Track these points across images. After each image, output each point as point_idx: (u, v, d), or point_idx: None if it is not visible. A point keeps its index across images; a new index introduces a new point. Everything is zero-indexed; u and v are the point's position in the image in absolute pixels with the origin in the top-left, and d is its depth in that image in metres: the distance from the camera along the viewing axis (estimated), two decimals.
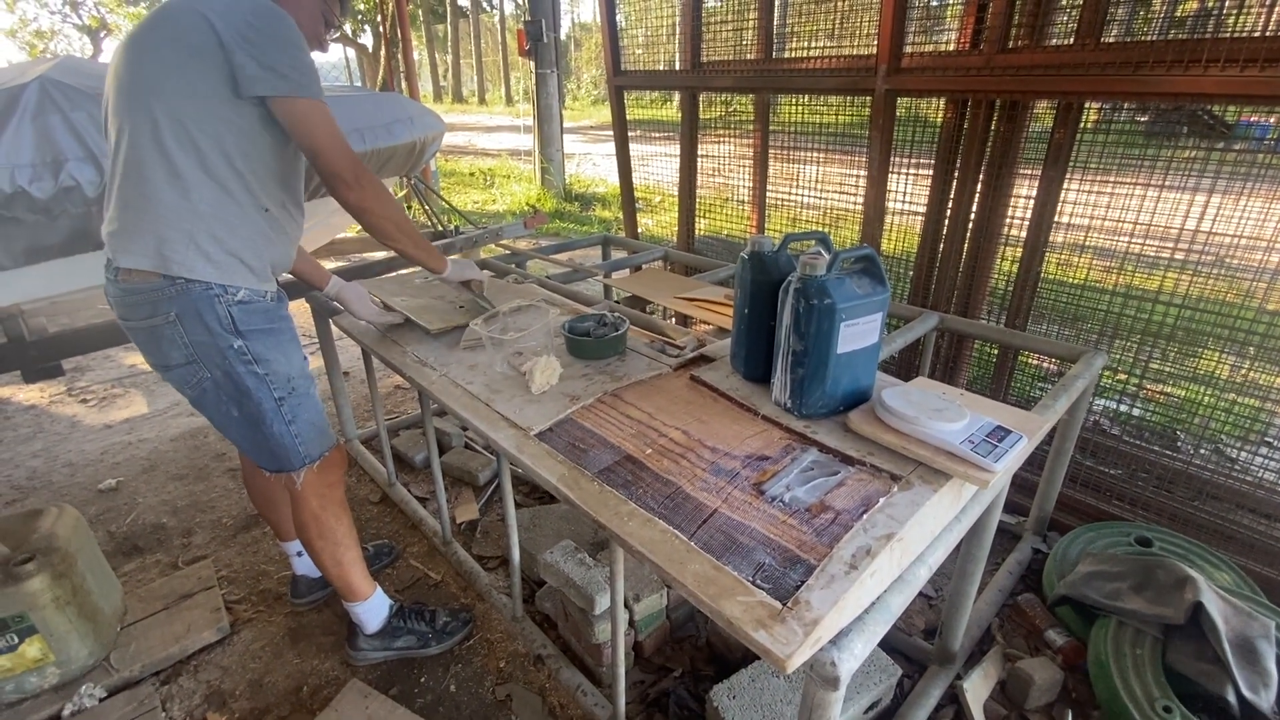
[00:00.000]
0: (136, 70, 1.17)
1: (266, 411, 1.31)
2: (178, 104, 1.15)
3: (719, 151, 2.80)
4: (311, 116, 1.19)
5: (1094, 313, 1.98)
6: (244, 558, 2.00)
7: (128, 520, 2.20)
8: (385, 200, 1.32)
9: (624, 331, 1.49)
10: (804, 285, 1.10)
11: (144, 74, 1.16)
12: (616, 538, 0.95)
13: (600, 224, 6.77)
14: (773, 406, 1.23)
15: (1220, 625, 1.35)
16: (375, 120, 3.14)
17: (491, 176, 9.17)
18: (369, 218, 1.32)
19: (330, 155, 1.23)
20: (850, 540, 0.90)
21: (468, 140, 14.85)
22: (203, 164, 1.18)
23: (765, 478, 1.03)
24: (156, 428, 2.79)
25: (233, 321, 1.24)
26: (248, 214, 1.25)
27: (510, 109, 23.11)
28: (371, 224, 1.34)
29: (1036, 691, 1.46)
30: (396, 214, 1.37)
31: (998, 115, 1.89)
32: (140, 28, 1.20)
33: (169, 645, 1.64)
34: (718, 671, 1.53)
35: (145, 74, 1.16)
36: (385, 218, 1.34)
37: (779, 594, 0.82)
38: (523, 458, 1.14)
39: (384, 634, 1.60)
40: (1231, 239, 1.67)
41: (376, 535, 2.07)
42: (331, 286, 1.70)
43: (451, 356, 1.54)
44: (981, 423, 1.08)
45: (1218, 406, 1.84)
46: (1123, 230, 1.83)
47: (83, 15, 19.60)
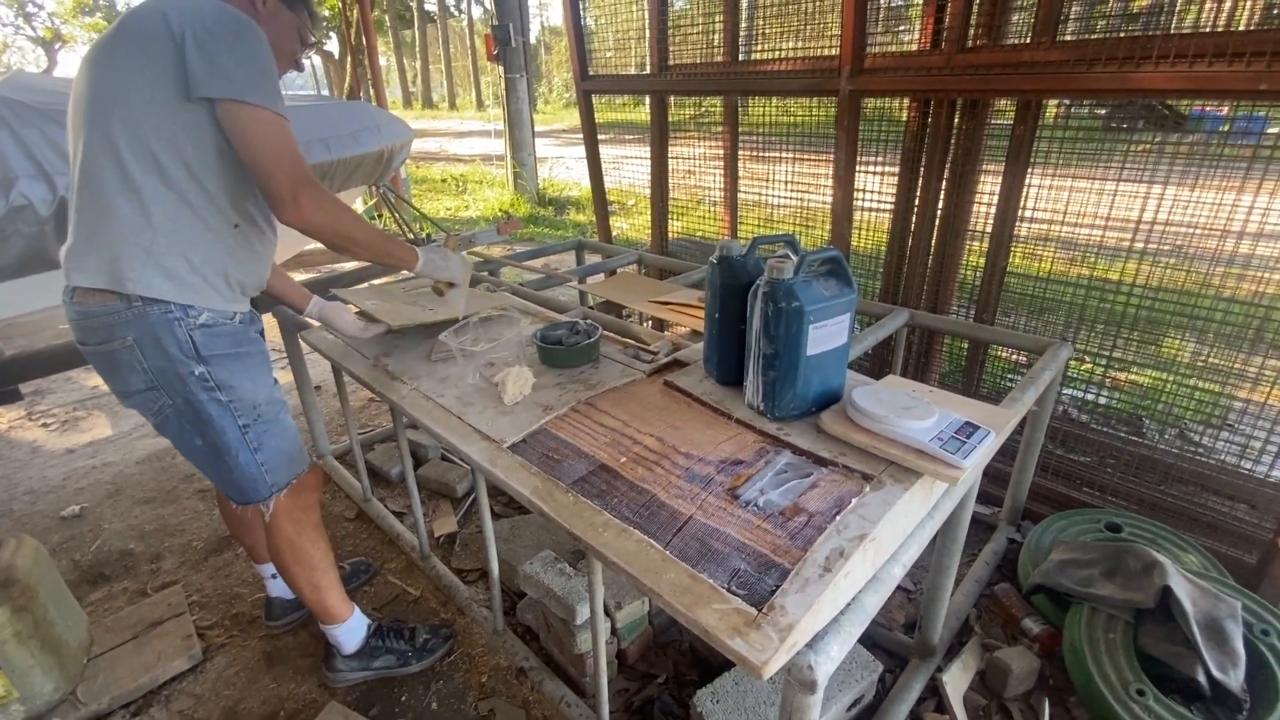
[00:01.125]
0: (94, 81, 1.12)
1: (230, 441, 1.27)
2: (134, 113, 1.10)
3: (691, 153, 2.80)
4: (254, 124, 1.10)
5: (1060, 304, 2.02)
6: (215, 581, 1.95)
7: (93, 547, 2.13)
8: (332, 213, 1.19)
9: (597, 339, 1.48)
10: (772, 289, 1.10)
11: (100, 84, 1.11)
12: (591, 549, 0.95)
13: (575, 228, 6.76)
14: (746, 410, 1.23)
15: (1188, 608, 1.38)
16: (341, 129, 3.10)
17: (464, 182, 9.11)
18: (320, 236, 1.20)
19: (268, 168, 1.11)
20: (824, 542, 0.90)
21: (439, 146, 14.72)
22: (162, 176, 1.13)
23: (739, 482, 1.03)
24: (121, 450, 2.72)
25: (194, 346, 1.20)
26: (213, 229, 1.20)
27: (481, 114, 22.98)
28: (325, 241, 1.22)
29: (1014, 680, 1.49)
30: (349, 225, 1.23)
31: (960, 113, 1.92)
32: (102, 37, 1.16)
33: (138, 675, 1.59)
34: (702, 676, 1.53)
35: (102, 84, 1.11)
36: (336, 233, 1.21)
37: (754, 600, 0.82)
38: (495, 471, 1.13)
39: (362, 654, 1.57)
40: (1188, 228, 1.71)
41: (353, 552, 2.04)
42: (312, 307, 1.66)
43: (423, 369, 1.52)
44: (950, 419, 1.09)
45: (1180, 392, 1.89)
46: (1085, 222, 1.87)
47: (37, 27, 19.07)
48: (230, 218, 1.23)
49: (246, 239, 1.27)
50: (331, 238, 1.22)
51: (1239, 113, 1.78)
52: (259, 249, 1.32)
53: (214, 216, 1.20)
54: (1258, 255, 1.67)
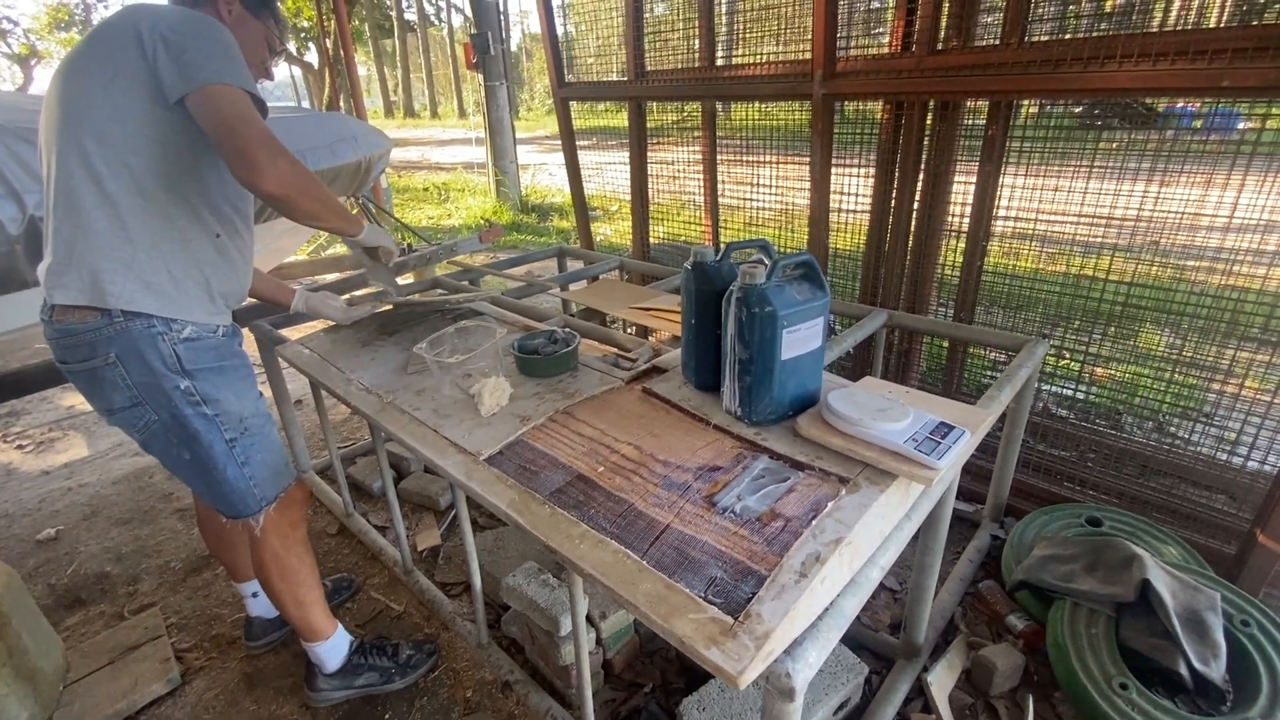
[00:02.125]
0: (65, 96, 1.11)
1: (218, 455, 1.26)
2: (107, 126, 1.09)
3: (671, 158, 2.81)
4: (220, 98, 1.06)
5: (1038, 300, 2.04)
6: (194, 603, 1.92)
7: (68, 571, 2.09)
8: (306, 178, 1.16)
9: (575, 347, 1.47)
10: (745, 294, 1.10)
11: (72, 99, 1.10)
12: (568, 561, 0.94)
13: (559, 234, 6.75)
14: (724, 415, 1.23)
15: (1168, 600, 1.40)
16: (317, 140, 3.07)
17: (446, 191, 9.07)
18: (293, 203, 1.15)
19: (241, 136, 1.06)
20: (800, 548, 0.90)
21: (421, 155, 14.67)
22: (139, 188, 1.11)
23: (717, 489, 1.03)
24: (98, 471, 2.67)
25: (178, 360, 1.19)
26: (192, 240, 1.19)
27: (463, 122, 22.93)
28: (297, 208, 1.17)
29: (1000, 678, 1.49)
30: (319, 189, 1.20)
31: (933, 114, 1.94)
32: (72, 51, 1.14)
33: (115, 701, 1.56)
34: (689, 683, 1.52)
35: (73, 98, 1.10)
36: (309, 196, 1.17)
37: (730, 608, 0.81)
38: (472, 484, 1.12)
39: (344, 672, 1.55)
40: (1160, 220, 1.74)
41: (335, 569, 2.01)
42: (297, 301, 1.68)
43: (399, 382, 1.50)
44: (925, 420, 1.09)
45: (1157, 385, 1.91)
46: (1061, 219, 1.89)
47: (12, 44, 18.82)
48: (211, 227, 1.22)
49: (227, 249, 1.27)
50: (304, 203, 1.17)
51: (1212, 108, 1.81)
52: (238, 259, 1.31)
53: (194, 227, 1.19)
54: (1230, 248, 1.70)
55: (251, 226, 1.35)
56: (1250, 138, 1.60)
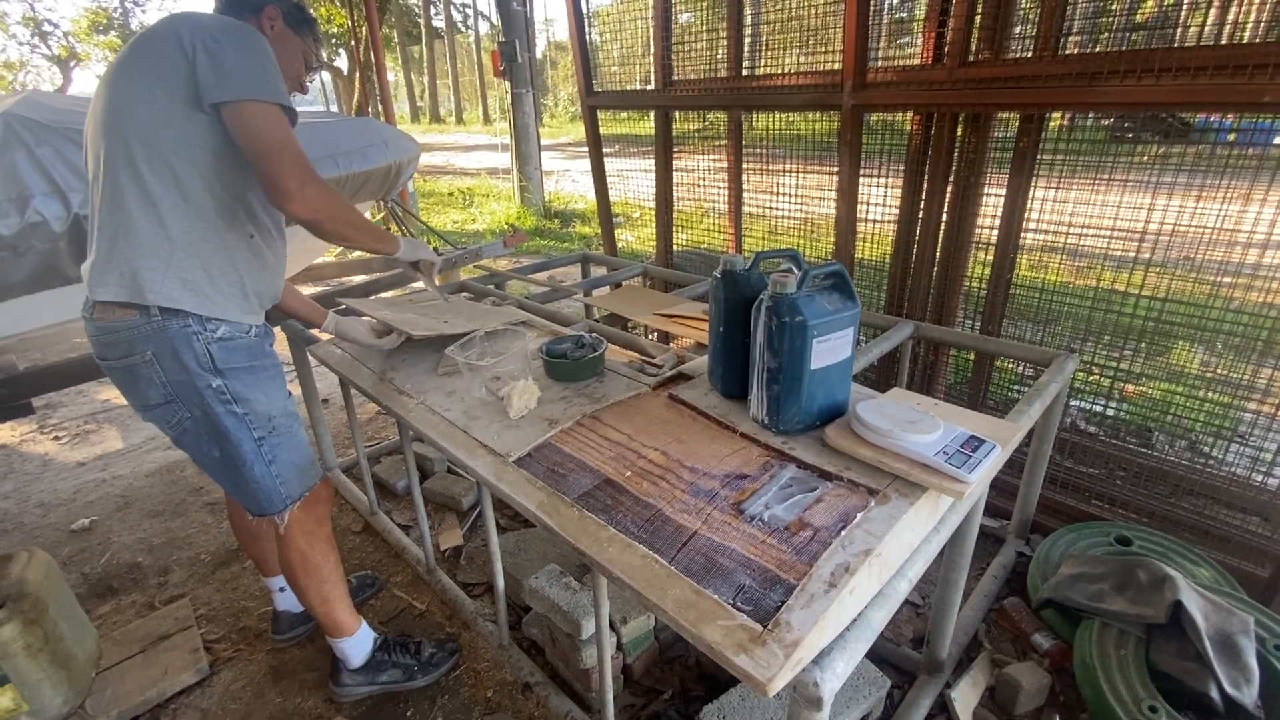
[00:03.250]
0: (110, 99, 1.16)
1: (246, 453, 1.29)
2: (150, 128, 1.13)
3: (695, 166, 2.82)
4: (255, 119, 1.11)
5: (1067, 313, 2.02)
6: (223, 595, 1.96)
7: (102, 561, 2.14)
8: (335, 204, 1.21)
9: (602, 352, 1.49)
10: (775, 303, 1.11)
11: (117, 102, 1.15)
12: (596, 564, 0.95)
13: (581, 240, 6.79)
14: (750, 423, 1.24)
15: (1200, 623, 1.37)
16: (349, 145, 3.14)
17: (470, 196, 9.18)
18: (323, 228, 1.21)
19: (273, 160, 1.12)
20: (829, 558, 0.90)
21: (446, 160, 14.86)
22: (180, 189, 1.16)
23: (744, 497, 1.04)
24: (131, 463, 2.74)
25: (211, 359, 1.22)
26: (229, 241, 1.23)
27: (488, 128, 23.19)
28: (327, 232, 1.23)
29: (1025, 697, 1.47)
30: (349, 213, 1.25)
31: (963, 126, 1.93)
32: (117, 56, 1.19)
33: (146, 689, 1.60)
34: (708, 691, 1.52)
35: (118, 102, 1.15)
36: (341, 221, 1.23)
37: (759, 616, 0.82)
38: (501, 485, 1.13)
39: (368, 669, 1.57)
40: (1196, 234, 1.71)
41: (359, 565, 2.04)
42: (329, 323, 1.69)
43: (429, 383, 1.53)
44: (955, 433, 1.09)
45: (1190, 403, 1.88)
46: (1091, 232, 1.87)
47: (52, 45, 19.42)
48: (246, 228, 1.26)
49: (261, 250, 1.30)
50: (333, 226, 1.22)
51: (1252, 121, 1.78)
52: (272, 260, 1.35)
53: (230, 227, 1.23)
54: (1268, 264, 1.66)
55: (284, 229, 1.39)
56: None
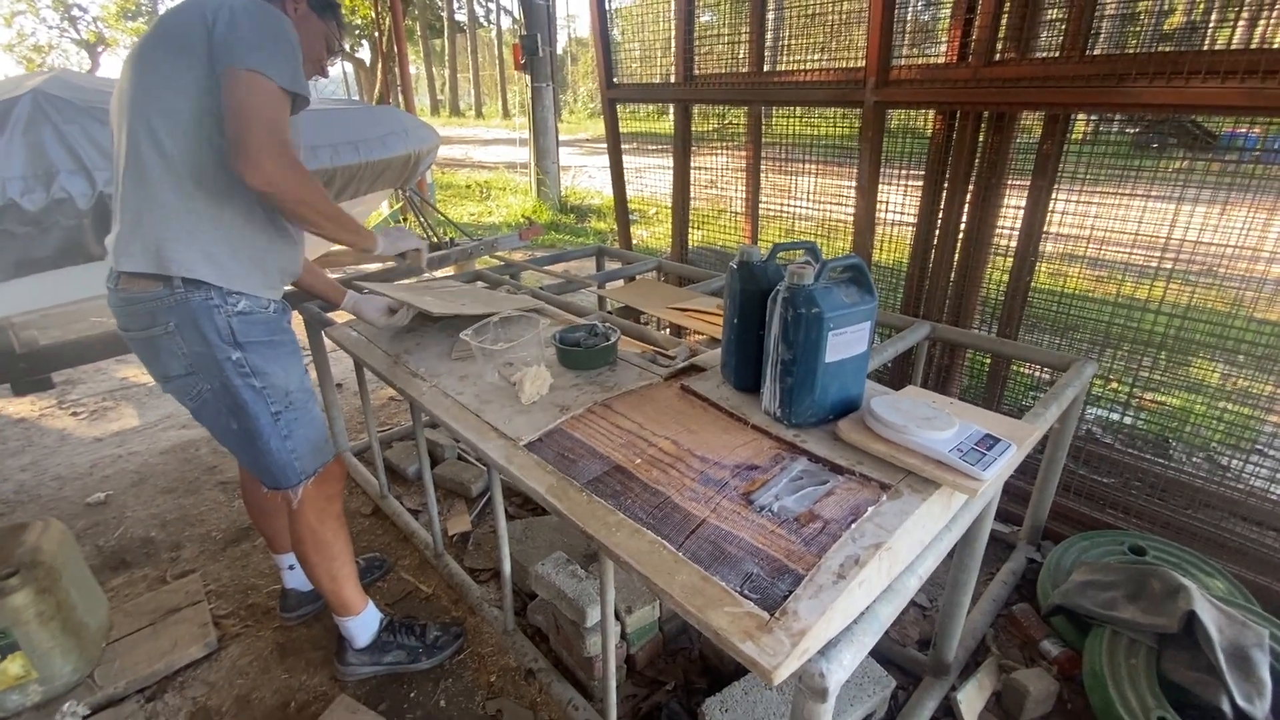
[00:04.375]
0: (136, 75, 1.17)
1: (263, 426, 1.30)
2: (173, 101, 1.15)
3: (713, 164, 2.81)
4: (244, 85, 1.08)
5: (1085, 322, 1.99)
6: (233, 572, 1.98)
7: (115, 534, 2.17)
8: (300, 184, 1.14)
9: (615, 341, 1.49)
10: (792, 294, 1.10)
11: (141, 77, 1.17)
12: (604, 548, 0.95)
13: (596, 235, 6.80)
14: (762, 416, 1.23)
15: (1214, 634, 1.35)
16: (369, 133, 3.15)
17: (488, 189, 9.22)
18: (283, 206, 1.16)
19: (241, 123, 1.07)
20: (839, 550, 0.89)
21: (464, 153, 14.93)
22: (200, 161, 1.17)
23: (754, 487, 1.03)
24: (147, 441, 2.78)
25: (232, 333, 1.24)
26: (249, 213, 1.24)
27: (507, 122, 23.25)
28: (288, 214, 1.19)
29: (1031, 703, 1.45)
30: (316, 198, 1.19)
31: (986, 126, 1.91)
32: (144, 35, 1.21)
33: (154, 661, 1.62)
34: (710, 684, 1.52)
35: (142, 77, 1.16)
36: (305, 204, 1.17)
37: (766, 604, 0.81)
38: (511, 468, 1.14)
39: (373, 649, 1.58)
40: (1219, 248, 1.68)
41: (368, 548, 2.06)
42: (347, 301, 1.72)
43: (442, 367, 1.53)
44: (970, 431, 1.08)
45: (1209, 415, 1.85)
46: (1112, 240, 1.84)
47: (80, 30, 19.71)
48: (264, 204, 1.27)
49: (281, 225, 1.32)
50: (295, 208, 1.17)
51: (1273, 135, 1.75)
52: (293, 234, 1.37)
53: (251, 201, 1.24)
54: None
55: None
56: None
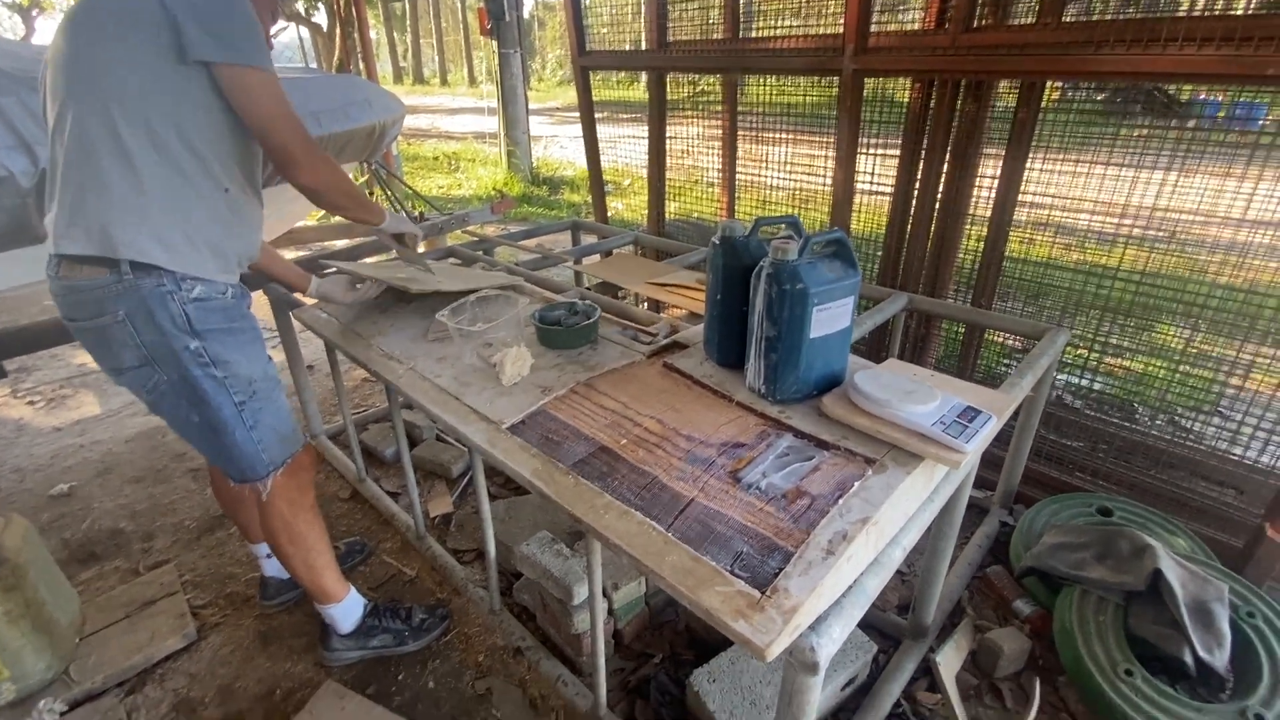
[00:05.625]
0: (77, 46, 1.09)
1: (227, 418, 1.26)
2: (124, 77, 1.08)
3: (688, 133, 2.77)
4: (260, 89, 1.12)
5: (1055, 289, 2.02)
6: (209, 560, 1.94)
7: (83, 526, 2.11)
8: (337, 174, 1.28)
9: (595, 320, 1.46)
10: (776, 270, 1.09)
11: (87, 49, 1.09)
12: (593, 531, 0.94)
13: (569, 208, 6.69)
14: (746, 392, 1.23)
15: (1178, 590, 1.40)
16: (330, 103, 3.02)
17: (456, 160, 8.98)
18: (324, 197, 1.27)
19: (281, 133, 1.15)
20: (827, 525, 0.90)
21: (431, 123, 14.49)
22: (154, 141, 1.11)
23: (741, 465, 1.03)
24: (110, 428, 2.68)
25: (188, 320, 1.18)
26: (205, 196, 1.18)
27: (474, 90, 22.60)
28: (325, 201, 1.29)
29: (1005, 661, 1.51)
30: (347, 184, 1.32)
31: (963, 95, 1.90)
32: (80, 2, 1.12)
33: (132, 654, 1.59)
34: (698, 656, 1.54)
35: (88, 49, 1.09)
36: (339, 191, 1.29)
37: (757, 582, 0.82)
38: (495, 452, 1.12)
39: (358, 634, 1.57)
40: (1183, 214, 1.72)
41: (348, 532, 2.03)
42: (312, 288, 1.66)
43: (418, 349, 1.50)
44: (952, 404, 1.09)
45: (1173, 379, 1.91)
46: (1082, 208, 1.87)
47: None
48: (221, 182, 1.22)
49: (238, 205, 1.26)
50: (332, 196, 1.28)
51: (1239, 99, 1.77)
52: (250, 215, 1.31)
53: (206, 181, 1.18)
54: (1253, 243, 1.68)
55: (259, 187, 1.35)
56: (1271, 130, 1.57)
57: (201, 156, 1.16)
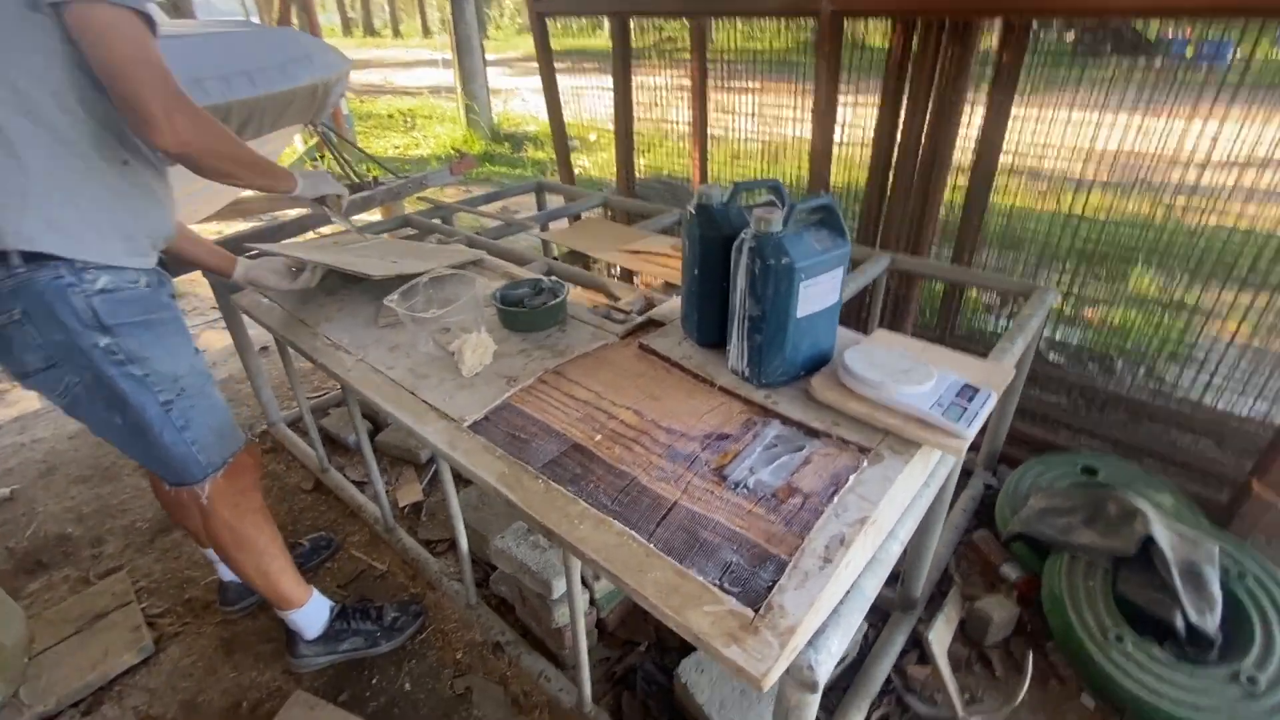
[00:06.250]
0: None
1: (152, 419, 1.13)
2: None
3: (655, 83, 2.60)
4: (109, 29, 0.92)
5: (1030, 238, 1.97)
6: (164, 564, 1.83)
7: (27, 533, 1.97)
8: (212, 133, 1.04)
9: (563, 299, 1.35)
10: (759, 243, 0.98)
11: None
12: (568, 545, 0.85)
13: (534, 166, 6.43)
14: (729, 376, 1.14)
15: (1169, 555, 1.39)
16: (265, 61, 2.75)
17: (412, 117, 8.54)
18: (199, 163, 1.05)
19: (131, 80, 0.94)
20: (822, 528, 0.82)
21: (384, 78, 13.74)
22: (29, 111, 0.94)
23: (726, 460, 0.95)
24: (51, 425, 2.51)
25: (95, 315, 1.04)
26: (98, 169, 1.03)
27: (428, 41, 21.49)
28: (204, 168, 1.06)
29: (994, 629, 1.49)
30: (230, 145, 1.10)
31: (947, 37, 1.77)
32: None
33: (86, 673, 1.49)
34: (684, 642, 1.48)
35: None
36: (220, 155, 1.07)
37: (749, 599, 0.74)
38: (456, 455, 1.02)
39: (326, 638, 1.49)
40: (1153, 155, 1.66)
41: (313, 527, 1.93)
42: (239, 270, 1.48)
43: (369, 337, 1.37)
44: (949, 381, 1.01)
45: (1148, 328, 1.88)
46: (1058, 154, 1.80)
47: None
48: (118, 153, 1.05)
49: (140, 178, 1.10)
50: (211, 161, 1.06)
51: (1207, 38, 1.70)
52: (157, 189, 1.14)
53: (97, 152, 1.02)
54: (1217, 185, 1.63)
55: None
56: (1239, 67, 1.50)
57: (88, 124, 1.00)
